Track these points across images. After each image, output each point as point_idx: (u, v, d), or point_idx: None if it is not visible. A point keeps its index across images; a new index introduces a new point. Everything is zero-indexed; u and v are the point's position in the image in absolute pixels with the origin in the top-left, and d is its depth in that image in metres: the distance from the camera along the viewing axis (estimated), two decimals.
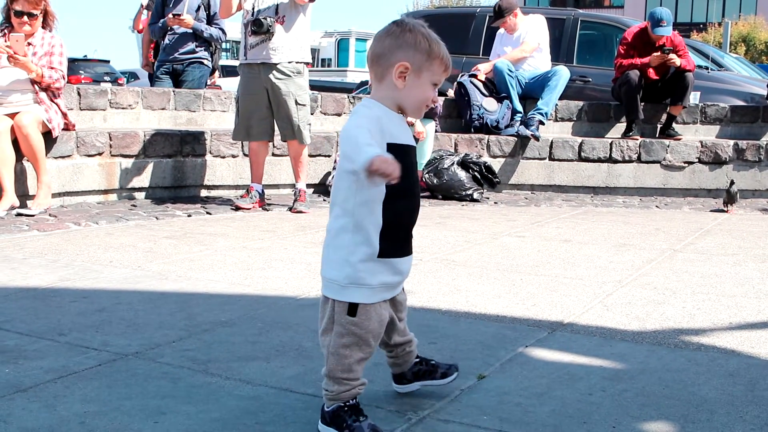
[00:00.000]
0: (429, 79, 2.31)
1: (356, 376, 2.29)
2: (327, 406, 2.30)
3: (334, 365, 2.28)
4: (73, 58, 24.21)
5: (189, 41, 8.75)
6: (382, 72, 2.31)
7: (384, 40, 2.32)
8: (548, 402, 2.60)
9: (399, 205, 2.29)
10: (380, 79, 2.32)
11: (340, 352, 2.27)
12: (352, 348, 2.27)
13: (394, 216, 2.28)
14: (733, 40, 40.41)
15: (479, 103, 8.95)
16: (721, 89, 10.06)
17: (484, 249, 5.19)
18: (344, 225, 2.28)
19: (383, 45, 2.31)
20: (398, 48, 2.29)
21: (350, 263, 2.26)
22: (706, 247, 5.40)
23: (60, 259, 4.61)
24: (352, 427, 2.25)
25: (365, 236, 2.26)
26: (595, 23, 11.30)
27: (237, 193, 7.40)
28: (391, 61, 2.29)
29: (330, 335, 2.29)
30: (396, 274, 2.33)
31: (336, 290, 2.29)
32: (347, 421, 2.26)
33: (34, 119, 6.14)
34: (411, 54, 2.28)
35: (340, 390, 2.28)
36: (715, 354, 3.15)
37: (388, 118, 2.30)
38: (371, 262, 2.27)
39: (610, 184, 8.58)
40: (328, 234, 2.34)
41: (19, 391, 2.60)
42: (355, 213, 2.26)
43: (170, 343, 3.13)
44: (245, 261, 4.65)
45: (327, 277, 2.31)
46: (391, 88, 2.31)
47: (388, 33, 2.32)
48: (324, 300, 2.34)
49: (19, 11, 6.26)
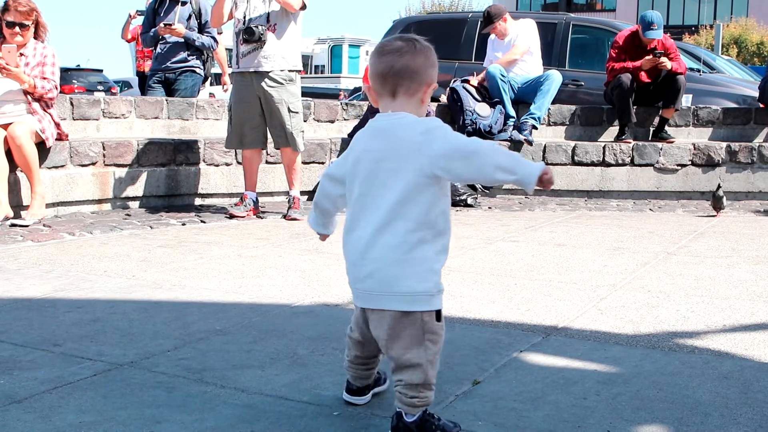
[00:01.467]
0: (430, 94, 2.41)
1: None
2: (410, 416, 2.30)
3: (433, 373, 2.31)
4: (65, 68, 24.20)
5: (181, 50, 8.77)
6: (415, 88, 2.35)
7: (417, 58, 2.35)
8: (543, 407, 2.60)
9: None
10: (411, 94, 2.35)
11: (437, 358, 2.33)
12: (440, 352, 2.35)
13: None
14: (725, 42, 40.53)
15: (472, 109, 8.97)
16: (713, 91, 10.09)
17: (478, 254, 5.19)
18: (422, 237, 2.30)
19: (416, 62, 2.34)
20: (431, 67, 2.37)
21: (435, 271, 2.32)
22: (700, 250, 5.41)
23: (54, 269, 4.61)
24: (442, 424, 2.33)
25: (444, 244, 2.36)
26: (587, 27, 11.32)
27: (231, 201, 7.41)
28: (426, 81, 2.35)
29: (418, 348, 2.29)
30: None
31: (426, 300, 2.30)
32: (434, 423, 2.31)
33: (28, 130, 6.14)
34: (435, 74, 2.37)
35: (432, 395, 2.33)
36: (708, 356, 3.16)
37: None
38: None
39: (604, 187, 8.59)
40: (397, 250, 2.29)
41: (14, 402, 2.60)
42: (436, 223, 2.32)
43: (165, 353, 3.13)
44: (239, 269, 4.65)
45: (414, 291, 2.29)
46: (417, 106, 2.37)
47: (418, 50, 2.36)
48: (398, 316, 2.30)
49: (10, 22, 6.26)
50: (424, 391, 2.30)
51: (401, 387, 2.30)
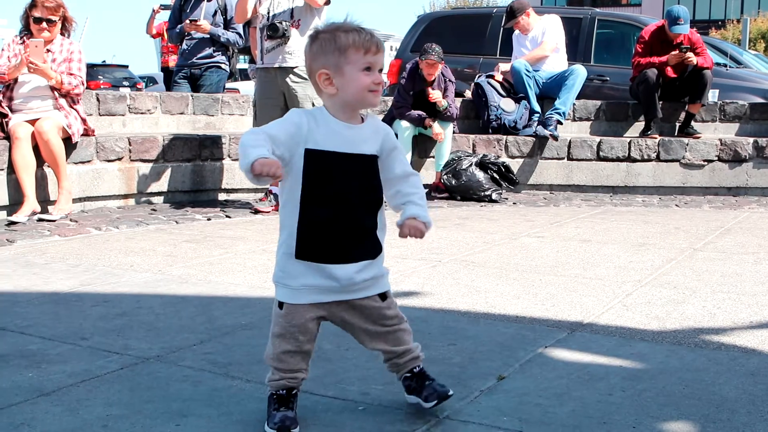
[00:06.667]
0: (356, 69, 2.33)
1: (286, 367, 2.40)
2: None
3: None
4: (92, 64, 24.35)
5: (206, 46, 8.80)
6: (315, 84, 2.40)
7: (306, 60, 2.43)
8: (568, 402, 2.60)
9: (320, 212, 2.34)
10: (319, 91, 2.40)
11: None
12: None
13: (313, 221, 2.35)
14: (752, 36, 40.12)
15: (497, 104, 8.94)
16: (740, 86, 10.00)
17: (503, 250, 5.18)
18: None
19: (305, 63, 2.44)
20: (313, 60, 2.37)
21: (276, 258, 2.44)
22: (727, 246, 5.37)
23: (81, 263, 4.64)
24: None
25: (286, 234, 2.39)
26: (613, 22, 11.25)
27: (256, 197, 7.44)
28: (314, 74, 2.37)
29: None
30: (327, 278, 2.37)
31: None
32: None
33: (54, 125, 6.19)
34: (324, 59, 2.34)
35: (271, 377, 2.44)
36: (735, 353, 3.13)
37: (315, 125, 2.34)
38: (291, 262, 2.37)
39: (629, 183, 8.54)
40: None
41: (42, 395, 2.62)
42: (280, 213, 2.43)
43: (191, 347, 3.15)
44: (265, 264, 4.66)
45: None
46: (328, 96, 2.38)
47: (304, 51, 2.46)
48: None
49: (38, 18, 6.31)
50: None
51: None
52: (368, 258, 2.40)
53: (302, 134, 2.31)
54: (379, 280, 2.45)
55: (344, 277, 2.36)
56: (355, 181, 2.37)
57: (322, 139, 2.33)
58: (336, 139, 2.34)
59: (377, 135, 2.43)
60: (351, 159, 2.36)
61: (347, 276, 2.37)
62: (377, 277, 2.44)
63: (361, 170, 2.38)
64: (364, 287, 2.41)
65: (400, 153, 2.48)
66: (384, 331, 2.46)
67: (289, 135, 2.30)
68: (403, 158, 2.49)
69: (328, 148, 2.33)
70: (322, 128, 2.34)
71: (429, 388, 2.48)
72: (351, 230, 2.37)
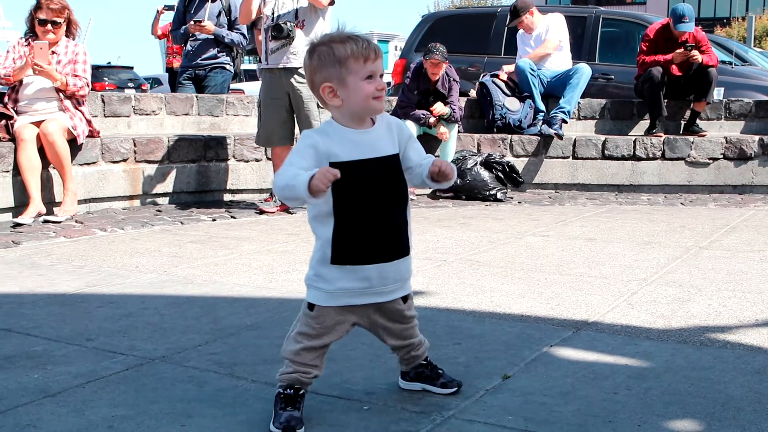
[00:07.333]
0: (359, 79, 2.34)
1: (302, 361, 2.44)
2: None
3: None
4: (97, 65, 24.41)
5: (211, 47, 8.80)
6: (319, 98, 2.41)
7: (306, 74, 2.45)
8: (573, 401, 2.59)
9: (352, 220, 2.37)
10: (324, 104, 2.41)
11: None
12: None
13: (347, 229, 2.38)
14: (758, 34, 40.03)
15: (501, 103, 8.93)
16: (746, 84, 9.98)
17: (508, 249, 5.18)
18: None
19: (306, 78, 2.46)
20: (314, 74, 2.38)
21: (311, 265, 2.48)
22: (732, 244, 5.36)
23: (86, 264, 4.65)
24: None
25: (321, 243, 2.43)
26: (617, 20, 11.23)
27: (261, 197, 7.44)
28: (317, 87, 2.38)
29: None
30: (361, 280, 2.41)
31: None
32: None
33: (60, 127, 6.20)
34: (325, 72, 2.35)
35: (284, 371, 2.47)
36: (741, 351, 3.13)
37: (330, 140, 2.36)
38: (326, 267, 2.42)
39: (635, 181, 8.53)
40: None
41: (47, 396, 2.63)
42: (311, 224, 2.45)
43: (196, 347, 3.16)
44: (270, 264, 4.67)
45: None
46: (334, 108, 2.40)
47: (304, 66, 2.47)
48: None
49: (43, 20, 6.32)
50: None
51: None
52: (400, 256, 2.47)
53: (321, 152, 2.34)
54: (404, 283, 2.52)
55: (377, 277, 2.42)
56: (383, 183, 2.42)
57: (341, 151, 2.35)
58: (355, 147, 2.37)
59: (391, 131, 2.47)
60: (375, 163, 2.39)
61: (380, 275, 2.42)
62: (404, 279, 2.51)
63: (386, 171, 2.43)
64: (392, 290, 2.48)
65: (414, 141, 2.54)
66: (401, 328, 2.55)
67: (312, 157, 2.32)
68: (418, 145, 2.55)
69: (350, 158, 2.35)
70: (338, 140, 2.36)
71: (446, 376, 2.64)
72: (384, 230, 2.42)
